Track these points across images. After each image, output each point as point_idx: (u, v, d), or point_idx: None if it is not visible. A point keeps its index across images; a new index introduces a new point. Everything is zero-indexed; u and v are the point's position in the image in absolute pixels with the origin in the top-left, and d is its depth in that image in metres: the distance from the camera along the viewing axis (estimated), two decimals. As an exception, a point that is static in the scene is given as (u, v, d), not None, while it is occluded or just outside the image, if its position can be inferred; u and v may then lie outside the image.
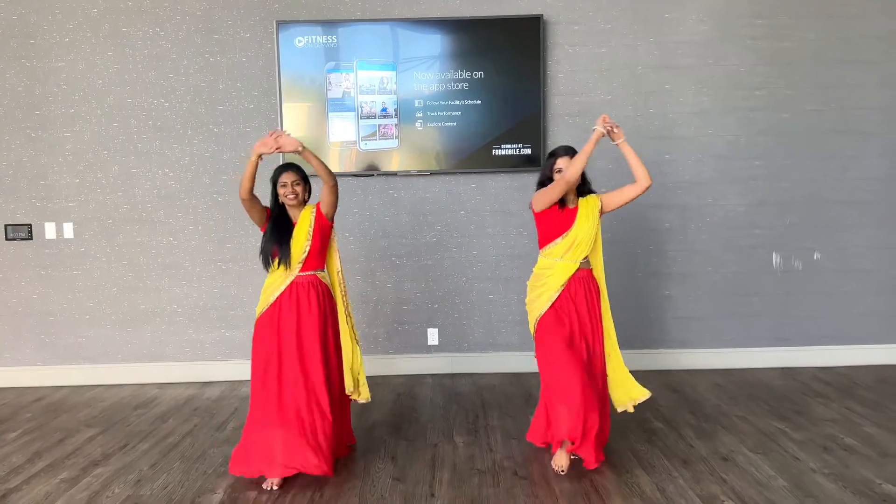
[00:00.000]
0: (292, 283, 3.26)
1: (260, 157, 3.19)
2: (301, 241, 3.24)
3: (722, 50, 4.86)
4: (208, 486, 3.18)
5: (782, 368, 4.94)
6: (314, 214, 3.28)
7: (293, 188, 3.25)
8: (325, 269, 3.40)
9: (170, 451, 3.63)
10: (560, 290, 3.27)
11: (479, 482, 3.16)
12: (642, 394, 3.33)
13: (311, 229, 3.25)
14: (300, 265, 3.25)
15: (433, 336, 5.04)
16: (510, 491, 3.06)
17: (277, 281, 3.27)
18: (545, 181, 3.34)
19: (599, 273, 3.41)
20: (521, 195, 4.92)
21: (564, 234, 3.27)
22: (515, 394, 4.52)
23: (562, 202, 3.30)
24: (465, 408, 4.25)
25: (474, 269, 5.01)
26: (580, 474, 3.19)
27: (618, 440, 3.59)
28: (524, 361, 4.96)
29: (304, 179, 3.32)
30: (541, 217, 3.32)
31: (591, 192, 3.40)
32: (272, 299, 3.26)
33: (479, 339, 5.05)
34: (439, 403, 4.36)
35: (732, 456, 3.39)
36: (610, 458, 3.33)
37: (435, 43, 4.80)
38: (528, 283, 3.43)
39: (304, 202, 3.34)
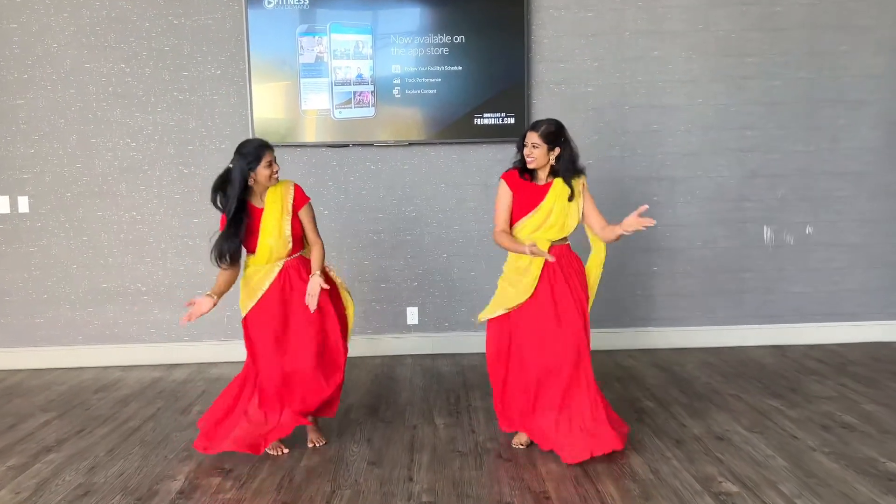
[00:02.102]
0: (281, 270, 3.10)
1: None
2: (281, 223, 3.05)
3: (712, 15, 4.65)
4: (168, 473, 2.95)
5: (773, 346, 4.78)
6: (293, 193, 3.08)
7: (276, 164, 3.10)
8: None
9: (129, 435, 3.39)
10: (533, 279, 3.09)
11: (461, 465, 2.96)
12: None
13: (291, 208, 3.06)
14: (287, 249, 3.09)
15: (413, 315, 4.82)
16: (494, 474, 2.87)
17: (261, 272, 3.06)
18: (519, 157, 3.19)
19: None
20: (505, 167, 4.58)
21: (534, 211, 3.10)
22: (498, 373, 4.31)
23: (532, 176, 3.17)
24: (447, 389, 4.05)
25: (456, 244, 4.79)
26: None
27: (607, 420, 3.39)
28: (507, 340, 4.76)
29: None
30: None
31: (576, 172, 3.12)
32: (260, 294, 3.09)
33: (460, 318, 4.83)
34: (419, 384, 4.15)
35: (727, 435, 3.21)
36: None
37: (414, 6, 4.54)
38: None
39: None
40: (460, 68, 4.58)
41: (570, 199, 3.08)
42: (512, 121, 4.60)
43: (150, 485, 2.83)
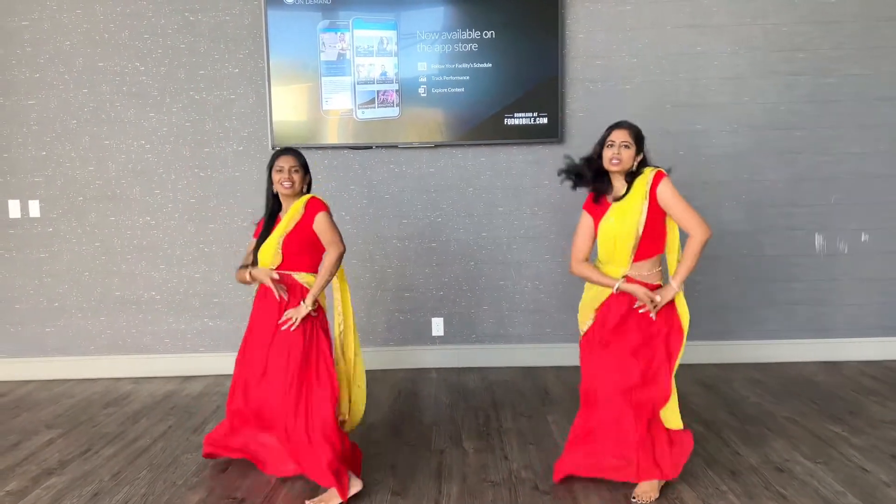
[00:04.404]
0: (261, 284, 2.85)
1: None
2: (278, 234, 2.79)
3: (760, 7, 4.34)
4: (176, 501, 2.71)
5: (826, 362, 4.44)
6: (305, 208, 2.80)
7: (290, 175, 2.78)
8: (309, 274, 2.87)
9: (137, 457, 3.17)
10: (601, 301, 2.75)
11: (494, 498, 2.69)
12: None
13: (295, 223, 2.78)
14: (275, 263, 2.81)
15: (438, 326, 4.56)
16: (530, 509, 2.60)
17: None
18: (593, 157, 2.73)
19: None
20: (537, 169, 4.43)
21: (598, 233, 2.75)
22: (529, 390, 4.04)
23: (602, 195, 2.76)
24: (475, 407, 3.78)
25: (484, 252, 4.52)
26: (612, 488, 2.72)
27: (652, 446, 3.10)
28: (538, 354, 4.49)
29: (304, 167, 2.86)
30: None
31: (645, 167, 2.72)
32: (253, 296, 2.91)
33: (488, 330, 4.56)
34: (445, 402, 3.89)
35: (788, 466, 2.91)
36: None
37: (441, 0, 4.29)
38: None
39: (301, 193, 2.86)
40: (490, 65, 4.31)
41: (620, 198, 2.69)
42: (545, 121, 4.33)
43: (156, 516, 2.60)
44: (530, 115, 4.34)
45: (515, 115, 4.34)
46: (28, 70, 4.35)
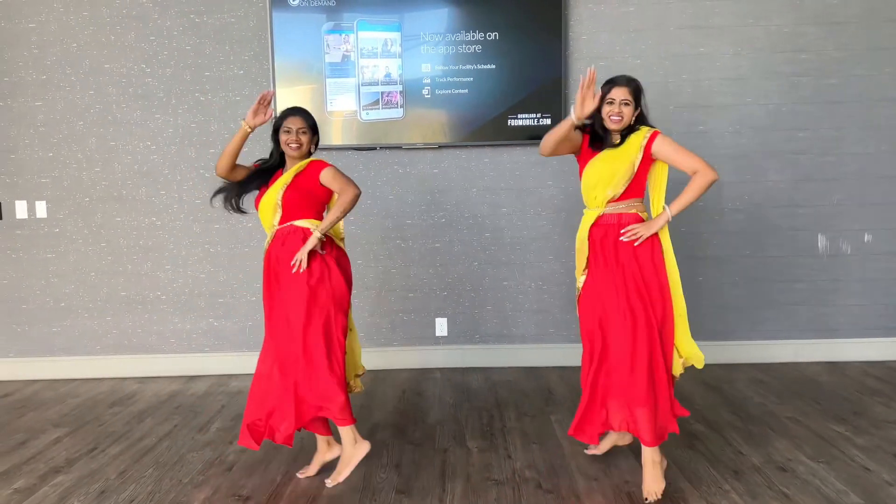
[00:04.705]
0: (270, 241, 2.84)
1: (251, 129, 2.80)
2: (277, 187, 2.78)
3: (763, 8, 4.35)
4: (182, 499, 2.73)
5: (829, 363, 4.45)
6: (306, 167, 2.80)
7: (297, 136, 2.77)
8: (312, 220, 2.83)
9: (143, 455, 3.19)
10: (585, 247, 2.74)
11: (497, 496, 2.70)
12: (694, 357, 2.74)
13: (294, 176, 2.77)
14: (276, 217, 2.79)
15: (442, 326, 4.58)
16: (534, 507, 2.61)
17: (266, 240, 2.87)
18: (593, 114, 2.64)
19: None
20: (540, 171, 4.45)
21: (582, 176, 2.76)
22: (533, 390, 4.05)
23: (599, 144, 2.72)
24: (479, 406, 3.80)
25: (487, 252, 4.54)
26: (617, 487, 2.73)
27: (655, 445, 3.12)
28: (541, 355, 4.50)
29: (313, 129, 2.84)
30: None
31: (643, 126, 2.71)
32: (262, 259, 2.90)
33: (492, 330, 4.58)
34: (449, 401, 3.90)
35: (791, 465, 2.91)
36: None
37: (445, 2, 4.31)
38: None
39: (308, 154, 2.86)
40: (493, 67, 4.33)
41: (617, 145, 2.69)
42: (548, 121, 4.34)
43: (162, 513, 2.63)
44: (534, 116, 4.35)
45: (519, 116, 4.36)
46: (35, 72, 4.38)
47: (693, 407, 3.66)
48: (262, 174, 2.89)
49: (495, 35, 4.32)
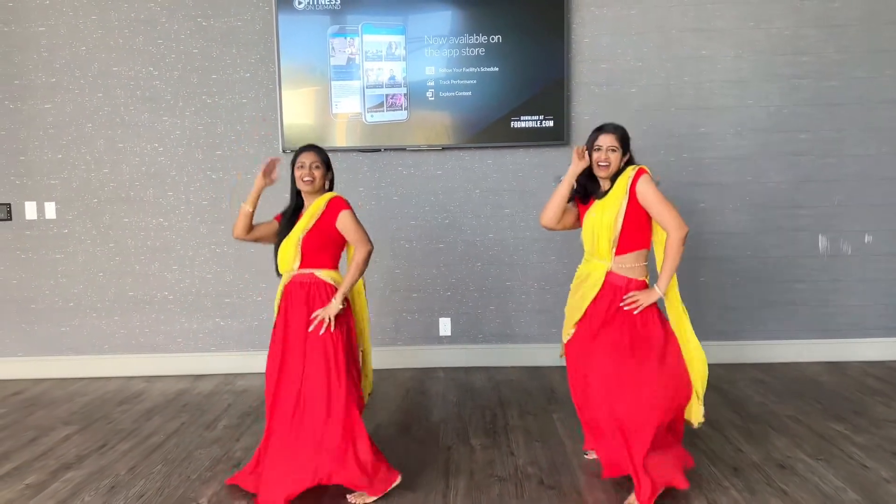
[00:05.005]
0: (287, 284, 2.82)
1: (252, 208, 2.85)
2: (297, 231, 2.78)
3: (764, 11, 4.39)
4: (190, 495, 2.79)
5: (830, 363, 4.49)
6: (326, 206, 2.79)
7: (311, 170, 2.77)
8: (332, 271, 2.85)
9: (152, 452, 3.25)
10: (587, 303, 2.76)
11: (501, 492, 2.75)
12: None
13: (315, 221, 2.78)
14: (296, 262, 2.79)
15: (445, 326, 4.63)
16: (536, 503, 2.65)
17: (282, 280, 2.85)
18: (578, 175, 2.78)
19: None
20: (543, 172, 4.49)
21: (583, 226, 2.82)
22: (536, 389, 4.10)
23: (589, 195, 2.81)
24: (482, 405, 3.84)
25: (490, 253, 4.59)
26: (618, 483, 2.77)
27: (656, 443, 3.16)
28: (544, 354, 4.54)
29: (326, 164, 2.84)
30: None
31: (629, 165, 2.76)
32: (277, 303, 2.85)
33: (495, 330, 4.63)
34: (452, 400, 3.95)
35: (790, 463, 2.95)
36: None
37: (448, 5, 4.36)
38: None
39: (323, 189, 2.87)
40: (496, 69, 4.38)
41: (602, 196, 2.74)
42: (550, 124, 4.39)
43: (171, 508, 2.68)
44: (536, 118, 4.40)
45: (522, 118, 4.40)
46: (44, 75, 4.44)
47: (694, 406, 3.70)
48: (290, 219, 2.86)
49: (498, 38, 4.36)
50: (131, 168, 4.52)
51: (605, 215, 2.69)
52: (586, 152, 2.74)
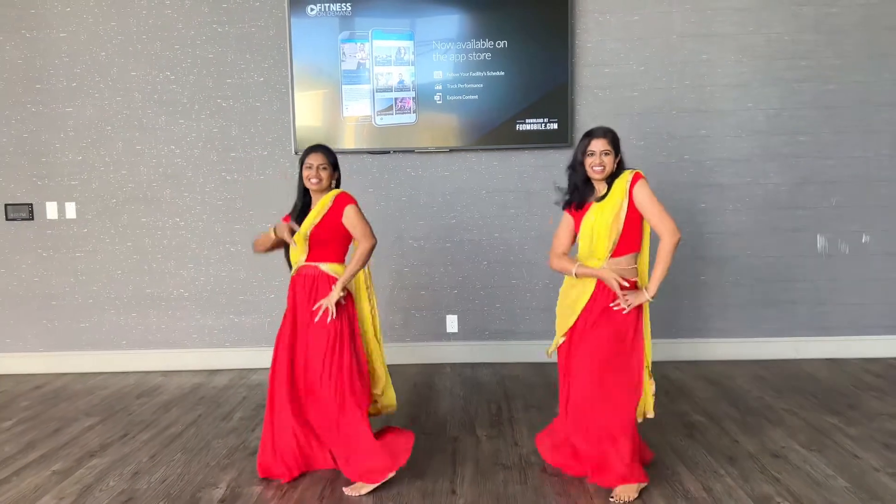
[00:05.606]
0: (294, 276, 3.00)
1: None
2: (305, 226, 2.93)
3: (764, 16, 4.51)
4: (210, 480, 2.93)
5: (828, 359, 4.60)
6: (333, 202, 2.94)
7: (318, 172, 2.92)
8: (336, 264, 2.99)
9: (171, 441, 3.39)
10: (580, 307, 2.84)
11: (505, 479, 2.88)
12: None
13: (322, 216, 2.93)
14: (303, 255, 2.95)
15: (452, 323, 4.76)
16: (539, 489, 2.78)
17: (292, 273, 3.02)
18: (575, 165, 2.85)
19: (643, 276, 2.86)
20: (547, 173, 4.62)
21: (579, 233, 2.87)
22: (540, 384, 4.22)
23: (584, 201, 2.87)
24: (487, 399, 3.97)
25: (496, 252, 4.72)
26: (616, 471, 2.90)
27: (656, 435, 3.28)
28: (549, 350, 4.66)
29: (333, 165, 2.99)
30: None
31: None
32: (286, 295, 3.04)
33: (500, 327, 4.76)
34: (459, 394, 4.08)
35: (783, 453, 3.07)
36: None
37: (455, 12, 4.50)
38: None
39: (330, 188, 3.02)
40: (502, 74, 4.52)
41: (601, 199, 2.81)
42: (555, 126, 4.52)
43: (193, 492, 2.81)
44: (541, 120, 4.53)
45: (527, 120, 4.53)
46: (66, 79, 4.60)
47: (694, 400, 3.83)
48: (298, 216, 3.00)
49: (504, 43, 4.50)
50: (149, 169, 4.67)
51: (604, 217, 2.77)
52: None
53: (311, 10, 4.47)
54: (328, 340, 2.89)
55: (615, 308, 2.75)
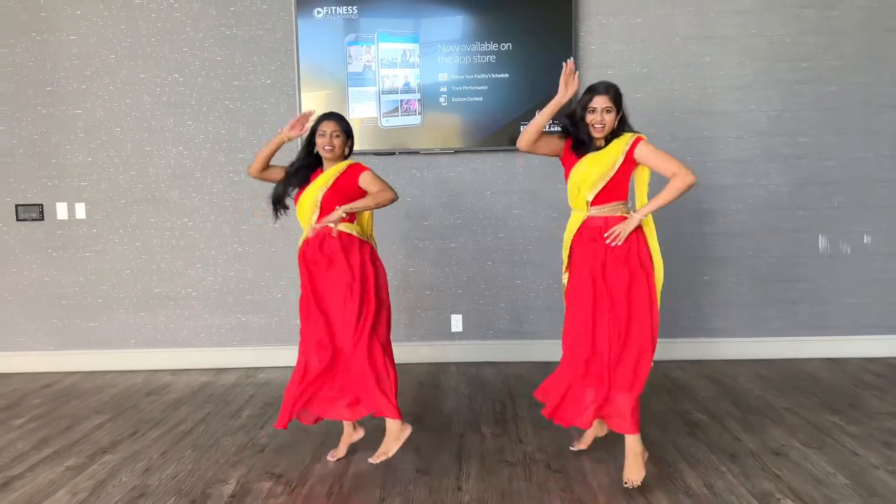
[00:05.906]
0: (302, 245, 3.06)
1: (288, 139, 3.05)
2: (317, 186, 2.99)
3: (766, 18, 4.55)
4: (220, 476, 2.98)
5: (829, 359, 4.64)
6: (346, 169, 3.00)
7: (331, 139, 2.97)
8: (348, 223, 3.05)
9: (181, 438, 3.45)
10: (569, 248, 2.90)
11: (510, 475, 2.93)
12: None
13: (334, 180, 2.98)
14: (314, 216, 3.00)
15: (457, 323, 4.81)
16: (543, 485, 2.83)
17: (302, 236, 3.09)
18: (575, 120, 2.81)
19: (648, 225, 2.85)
20: (550, 174, 4.67)
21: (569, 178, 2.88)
22: (544, 383, 4.27)
23: (583, 149, 2.85)
24: (492, 397, 4.02)
25: (501, 252, 4.77)
26: (622, 467, 2.94)
27: (658, 432, 3.34)
28: (552, 350, 4.69)
29: (347, 133, 3.04)
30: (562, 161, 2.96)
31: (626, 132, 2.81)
32: (300, 244, 3.10)
33: (504, 327, 4.81)
34: (464, 393, 4.13)
35: (784, 450, 3.12)
36: (650, 451, 3.05)
37: (460, 14, 4.55)
38: None
39: (342, 157, 3.07)
40: (507, 76, 4.56)
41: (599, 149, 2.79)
42: (557, 129, 4.55)
43: (203, 488, 2.87)
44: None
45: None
46: (76, 81, 4.66)
47: (695, 398, 3.87)
48: (301, 171, 3.07)
49: (509, 45, 4.54)
50: (157, 170, 4.73)
51: (592, 171, 2.76)
52: (575, 75, 2.77)
53: (318, 12, 4.53)
54: (346, 283, 2.96)
55: (608, 243, 2.77)
